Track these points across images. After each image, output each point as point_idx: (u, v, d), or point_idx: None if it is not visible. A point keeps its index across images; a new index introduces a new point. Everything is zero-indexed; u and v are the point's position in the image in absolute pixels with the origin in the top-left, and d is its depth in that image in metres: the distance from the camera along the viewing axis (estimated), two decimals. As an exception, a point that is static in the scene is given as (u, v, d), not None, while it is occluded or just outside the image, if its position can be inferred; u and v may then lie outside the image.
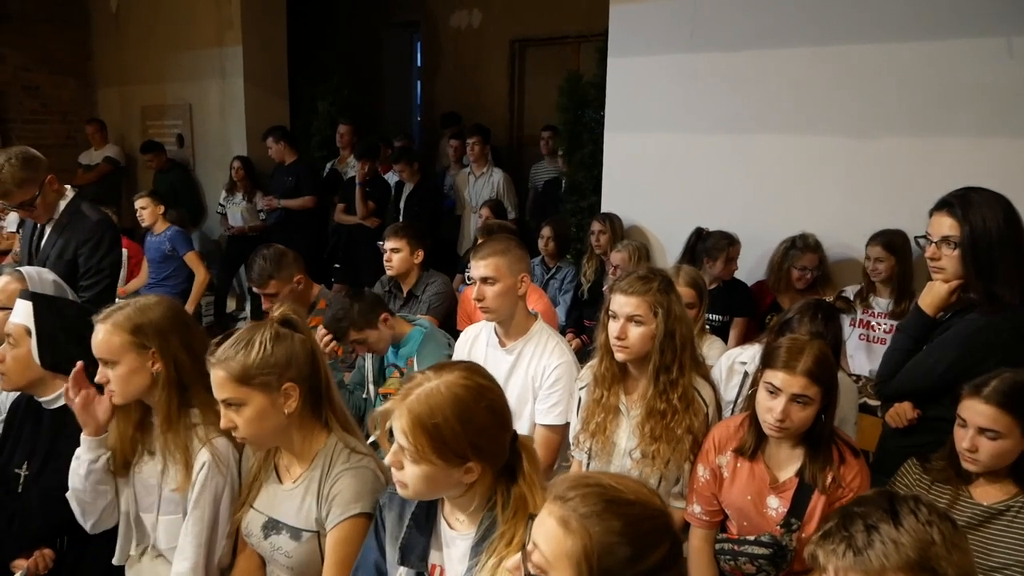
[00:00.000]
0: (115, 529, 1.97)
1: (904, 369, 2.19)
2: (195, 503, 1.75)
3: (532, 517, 1.12)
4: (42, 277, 2.50)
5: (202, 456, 1.77)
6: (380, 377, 2.88)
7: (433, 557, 1.49)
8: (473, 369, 1.44)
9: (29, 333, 2.01)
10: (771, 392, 1.83)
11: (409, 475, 1.36)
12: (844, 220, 3.56)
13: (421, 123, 8.42)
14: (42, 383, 2.07)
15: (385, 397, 2.81)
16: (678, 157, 4.11)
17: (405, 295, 3.54)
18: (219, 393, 1.62)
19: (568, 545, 1.02)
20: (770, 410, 1.82)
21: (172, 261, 5.15)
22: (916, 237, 2.24)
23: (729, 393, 2.50)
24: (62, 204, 3.00)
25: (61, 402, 2.04)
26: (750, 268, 3.77)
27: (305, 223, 5.92)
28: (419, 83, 8.46)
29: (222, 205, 6.25)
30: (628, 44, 4.19)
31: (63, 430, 2.01)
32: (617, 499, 1.05)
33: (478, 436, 1.35)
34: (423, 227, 3.77)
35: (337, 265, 5.78)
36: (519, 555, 1.09)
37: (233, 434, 1.66)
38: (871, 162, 3.49)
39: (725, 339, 3.50)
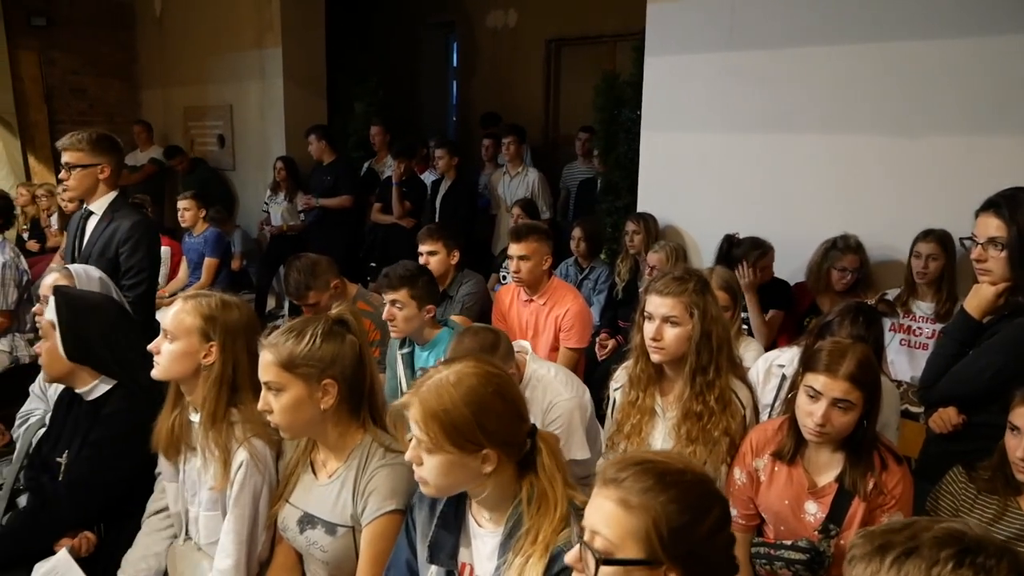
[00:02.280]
0: None
1: (949, 374, 2.14)
2: (235, 501, 1.79)
3: (578, 509, 1.12)
4: (89, 274, 2.58)
5: (240, 455, 1.80)
6: (413, 380, 2.89)
7: (463, 555, 1.50)
8: (483, 358, 1.47)
9: (54, 327, 2.10)
10: (811, 396, 1.79)
11: (428, 469, 1.38)
12: (887, 221, 3.48)
13: (456, 123, 8.46)
14: (76, 375, 2.14)
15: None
16: (716, 156, 4.06)
17: (440, 295, 3.55)
18: (263, 374, 1.67)
19: (633, 524, 1.05)
20: (810, 414, 1.78)
21: (210, 262, 5.28)
22: (962, 239, 2.18)
23: (766, 396, 2.46)
24: (104, 200, 3.07)
25: (96, 394, 2.13)
26: (790, 270, 3.70)
27: (342, 222, 5.98)
28: (455, 83, 8.50)
29: (267, 203, 6.35)
30: (665, 43, 4.15)
31: (97, 420, 2.10)
32: (668, 470, 1.09)
33: (489, 421, 1.37)
34: (457, 227, 3.79)
35: (373, 264, 5.83)
36: (577, 548, 1.10)
37: (268, 418, 1.69)
38: (915, 162, 3.41)
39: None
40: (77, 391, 2.17)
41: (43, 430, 2.39)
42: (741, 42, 3.86)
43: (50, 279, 2.52)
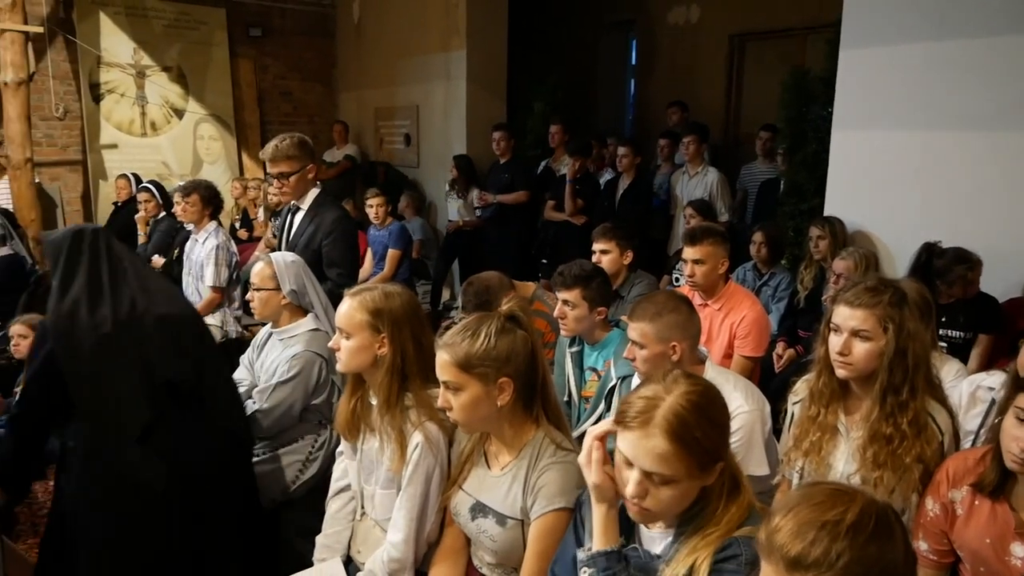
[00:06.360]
0: None
1: None
2: (409, 481, 1.88)
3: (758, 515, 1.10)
4: (285, 259, 2.81)
5: (415, 438, 1.89)
6: (581, 381, 2.90)
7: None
8: (688, 375, 1.42)
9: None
10: (1022, 420, 1.60)
11: (657, 499, 1.33)
12: None
13: (633, 121, 8.38)
14: None
15: (586, 400, 2.82)
16: (918, 158, 3.72)
17: (611, 295, 3.53)
18: (441, 374, 1.72)
19: None
20: (1017, 439, 1.58)
21: (395, 255, 5.61)
22: None
23: (970, 423, 2.23)
24: (310, 196, 3.35)
25: None
26: (1004, 286, 3.32)
27: (517, 219, 6.13)
28: (632, 81, 8.42)
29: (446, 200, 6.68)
30: (865, 33, 3.86)
31: None
32: (848, 528, 1.02)
33: (725, 433, 1.38)
34: (631, 227, 3.75)
35: (544, 261, 5.92)
36: None
37: (448, 414, 1.76)
38: None
39: (965, 360, 3.13)
40: None
41: (250, 400, 2.65)
42: (953, 30, 3.51)
43: (258, 266, 2.79)
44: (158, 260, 5.32)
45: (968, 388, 2.32)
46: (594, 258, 3.48)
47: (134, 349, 2.10)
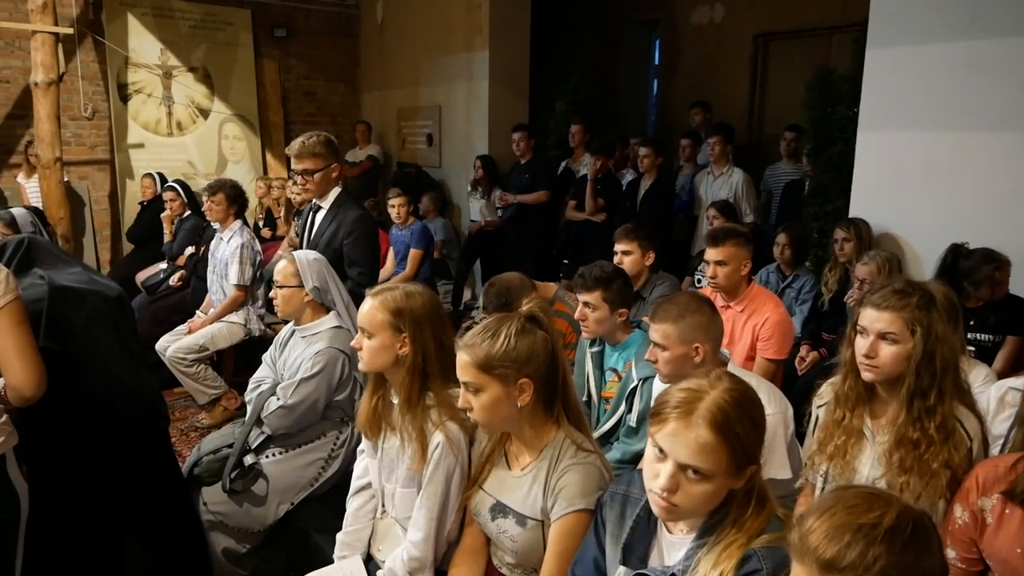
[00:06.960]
0: None
1: None
2: (429, 480, 1.89)
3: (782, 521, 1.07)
4: (308, 257, 2.84)
5: (436, 437, 1.89)
6: (601, 382, 2.88)
7: (653, 560, 1.47)
8: (731, 374, 1.41)
9: None
10: None
11: (688, 495, 1.31)
12: None
13: (656, 122, 8.34)
14: None
15: (606, 401, 2.81)
16: (946, 158, 3.66)
17: (633, 296, 3.51)
18: (461, 375, 1.73)
19: None
20: None
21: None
22: None
23: (998, 427, 2.19)
24: (332, 195, 3.37)
25: None
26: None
27: (538, 220, 6.12)
28: (656, 81, 8.38)
29: (468, 200, 6.69)
30: (892, 32, 3.81)
31: None
32: (885, 532, 1.00)
33: (762, 436, 1.35)
34: (653, 228, 3.73)
35: (566, 261, 5.91)
36: None
37: (468, 415, 1.76)
38: None
39: (991, 363, 3.07)
40: None
41: (273, 397, 2.67)
42: (982, 30, 3.45)
43: (281, 263, 2.82)
44: (184, 257, 5.39)
45: (997, 392, 2.28)
46: (616, 259, 3.47)
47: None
